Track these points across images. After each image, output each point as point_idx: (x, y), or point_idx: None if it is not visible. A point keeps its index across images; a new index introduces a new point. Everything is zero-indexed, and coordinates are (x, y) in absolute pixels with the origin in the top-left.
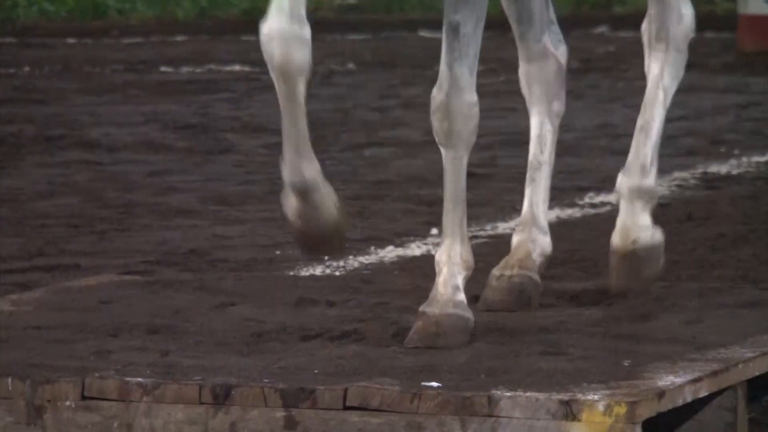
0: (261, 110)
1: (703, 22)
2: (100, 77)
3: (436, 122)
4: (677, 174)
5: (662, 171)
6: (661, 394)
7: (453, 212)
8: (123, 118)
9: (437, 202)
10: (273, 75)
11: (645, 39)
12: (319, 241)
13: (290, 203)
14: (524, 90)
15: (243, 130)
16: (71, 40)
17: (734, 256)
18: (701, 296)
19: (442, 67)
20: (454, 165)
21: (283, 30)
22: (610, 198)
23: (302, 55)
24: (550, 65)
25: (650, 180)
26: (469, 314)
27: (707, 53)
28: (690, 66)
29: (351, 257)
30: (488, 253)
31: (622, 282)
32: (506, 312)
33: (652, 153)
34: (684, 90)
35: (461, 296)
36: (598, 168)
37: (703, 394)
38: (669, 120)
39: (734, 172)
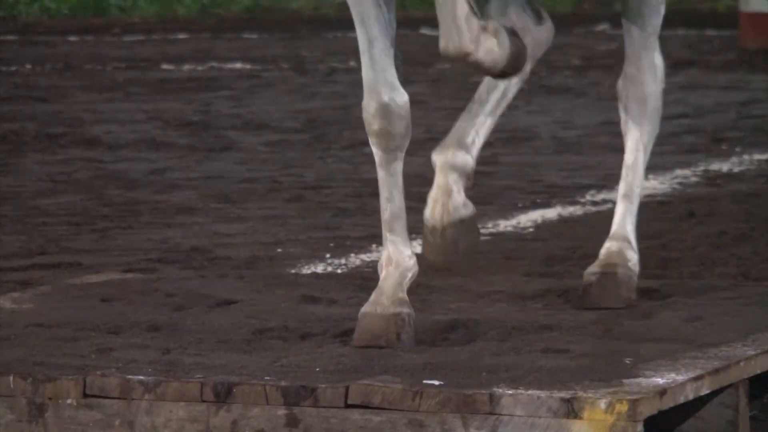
0: (262, 107)
1: (704, 19)
2: (102, 75)
3: (374, 125)
4: (678, 171)
5: (664, 168)
6: (662, 391)
7: (392, 215)
8: (124, 115)
9: None
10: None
11: (621, 99)
12: None
13: None
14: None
15: (244, 128)
16: (73, 38)
17: (735, 253)
18: (703, 294)
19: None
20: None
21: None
22: (612, 195)
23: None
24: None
25: (635, 251)
26: (410, 310)
27: (709, 51)
28: (691, 63)
29: (352, 255)
30: (490, 251)
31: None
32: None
33: (635, 220)
34: (685, 87)
35: (403, 294)
36: (599, 165)
37: (704, 391)
38: (670, 117)
39: (736, 169)
